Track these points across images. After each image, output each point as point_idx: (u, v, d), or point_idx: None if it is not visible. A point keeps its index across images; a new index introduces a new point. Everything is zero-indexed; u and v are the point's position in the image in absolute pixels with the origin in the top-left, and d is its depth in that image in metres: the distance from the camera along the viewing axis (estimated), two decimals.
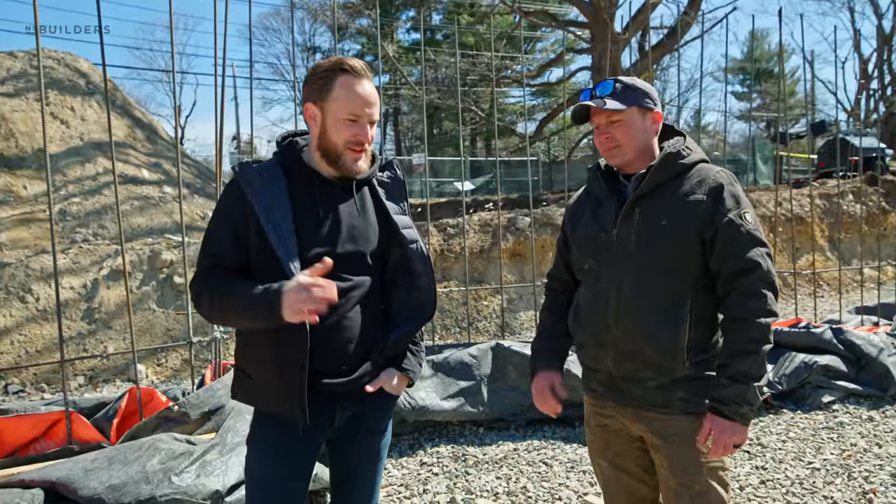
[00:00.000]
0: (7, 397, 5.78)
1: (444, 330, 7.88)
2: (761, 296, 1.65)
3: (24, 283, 6.57)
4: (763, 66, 35.51)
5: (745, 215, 1.70)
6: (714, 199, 1.70)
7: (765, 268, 1.67)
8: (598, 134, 1.81)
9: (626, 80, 1.81)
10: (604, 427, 1.90)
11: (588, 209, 1.90)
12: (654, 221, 1.72)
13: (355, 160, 1.69)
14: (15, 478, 2.71)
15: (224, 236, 1.67)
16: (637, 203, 1.76)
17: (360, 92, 1.65)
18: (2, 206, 8.65)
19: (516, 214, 9.05)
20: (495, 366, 4.30)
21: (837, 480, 3.38)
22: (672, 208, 1.72)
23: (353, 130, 1.65)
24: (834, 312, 6.60)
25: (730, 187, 1.72)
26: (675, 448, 1.73)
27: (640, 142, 1.79)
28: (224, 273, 1.66)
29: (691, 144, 1.81)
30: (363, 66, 1.69)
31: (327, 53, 33.54)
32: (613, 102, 1.76)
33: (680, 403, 1.72)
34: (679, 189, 1.74)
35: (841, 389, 4.60)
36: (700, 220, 1.69)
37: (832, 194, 11.67)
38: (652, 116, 1.81)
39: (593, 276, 1.82)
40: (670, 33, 14.79)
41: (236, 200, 1.66)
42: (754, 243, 1.68)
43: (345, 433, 1.77)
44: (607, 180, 1.87)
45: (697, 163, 1.79)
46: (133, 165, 10.51)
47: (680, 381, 1.72)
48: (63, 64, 11.17)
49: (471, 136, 29.28)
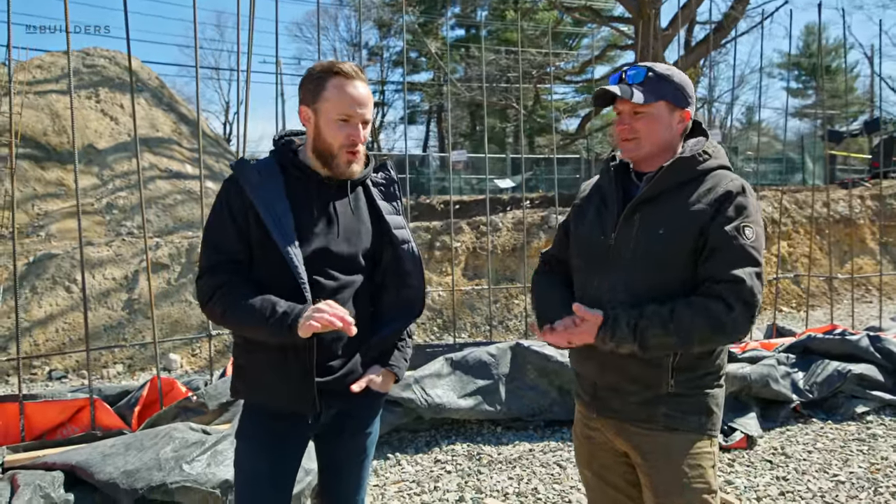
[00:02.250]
0: (51, 383, 6.06)
1: (473, 328, 7.88)
2: (729, 308, 1.52)
3: (69, 272, 6.86)
4: (819, 62, 34.24)
5: (744, 229, 1.57)
6: (717, 209, 1.58)
7: (749, 285, 1.53)
8: (619, 122, 1.69)
9: (660, 68, 1.67)
10: (589, 438, 1.84)
11: (593, 207, 1.79)
12: (652, 229, 1.62)
13: (349, 162, 1.71)
14: (39, 460, 2.85)
15: (226, 231, 1.69)
16: (638, 208, 1.66)
17: (350, 92, 1.67)
18: (53, 199, 9.05)
19: (549, 212, 8.98)
20: (514, 365, 4.28)
21: (862, 495, 3.25)
22: (672, 217, 1.61)
23: (346, 131, 1.67)
24: (878, 319, 6.33)
25: (738, 197, 1.59)
26: (655, 466, 1.66)
27: (661, 138, 1.67)
28: (234, 277, 1.66)
29: (711, 148, 1.68)
30: (355, 68, 1.71)
31: (373, 50, 33.88)
32: (640, 94, 1.64)
33: (663, 419, 1.65)
34: (686, 197, 1.61)
35: (876, 400, 4.42)
36: (698, 230, 1.58)
37: (886, 196, 11.19)
38: (681, 114, 1.68)
39: (586, 279, 1.75)
40: (717, 28, 14.40)
41: (235, 196, 1.69)
42: (746, 260, 1.55)
43: (331, 430, 1.80)
44: (618, 177, 1.75)
45: (715, 169, 1.66)
46: (177, 161, 10.84)
47: (664, 398, 1.64)
48: (114, 62, 11.58)
49: (514, 132, 29.14)
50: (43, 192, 9.06)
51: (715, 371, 1.69)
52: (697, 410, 1.66)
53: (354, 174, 1.73)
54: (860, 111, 31.30)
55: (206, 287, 1.66)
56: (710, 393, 1.68)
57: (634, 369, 1.64)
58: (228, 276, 1.65)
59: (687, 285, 1.63)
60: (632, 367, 1.64)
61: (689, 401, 1.64)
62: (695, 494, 1.63)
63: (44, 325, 6.49)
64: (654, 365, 1.62)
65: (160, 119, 11.37)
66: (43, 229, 8.55)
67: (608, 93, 1.68)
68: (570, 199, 2.06)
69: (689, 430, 1.65)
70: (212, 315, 1.70)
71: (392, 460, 3.77)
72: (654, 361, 1.62)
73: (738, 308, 1.52)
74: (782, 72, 34.11)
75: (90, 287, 6.77)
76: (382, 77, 35.18)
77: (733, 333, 1.55)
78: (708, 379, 1.68)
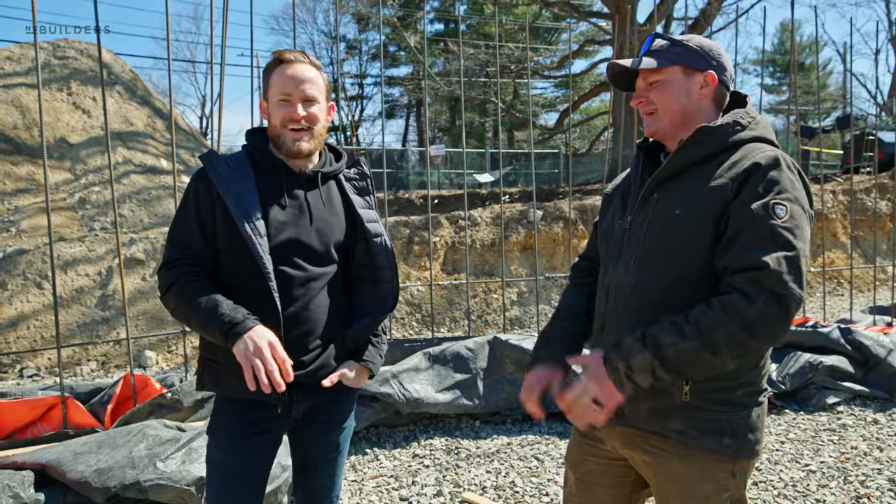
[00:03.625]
0: (22, 381, 5.94)
1: (452, 322, 7.89)
2: (751, 302, 1.26)
3: (41, 269, 6.73)
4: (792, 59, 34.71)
5: (774, 206, 1.30)
6: (741, 183, 1.34)
7: (773, 270, 1.25)
8: (634, 98, 1.54)
9: (673, 36, 1.52)
10: (585, 439, 1.65)
11: (619, 194, 1.63)
12: (668, 210, 1.42)
13: (294, 140, 1.71)
14: (8, 460, 2.79)
15: (191, 226, 1.69)
16: (658, 187, 1.46)
17: (289, 73, 1.71)
18: (24, 195, 8.86)
19: (528, 207, 9.00)
20: (492, 359, 4.30)
21: (832, 484, 3.32)
22: (691, 194, 1.39)
23: (287, 109, 1.70)
24: (849, 311, 6.45)
25: (770, 171, 1.34)
26: (662, 489, 1.48)
27: (680, 107, 1.48)
28: (193, 271, 1.66)
29: (747, 118, 1.45)
30: (297, 53, 1.76)
31: (351, 43, 33.65)
32: (649, 60, 1.48)
33: (675, 435, 1.41)
34: (710, 171, 1.39)
35: (847, 391, 4.51)
36: (720, 211, 1.35)
37: (856, 190, 11.40)
38: (703, 78, 1.47)
39: (605, 267, 1.59)
40: (693, 24, 14.54)
41: (203, 189, 1.69)
42: (774, 242, 1.28)
43: (304, 426, 1.79)
44: (647, 160, 1.58)
45: (749, 141, 1.43)
46: (152, 155, 10.68)
47: (677, 409, 1.40)
48: (86, 55, 11.36)
49: (493, 126, 29.16)
50: (13, 187, 8.87)
51: (749, 383, 1.42)
52: (718, 429, 1.40)
53: (304, 151, 1.72)
54: (833, 107, 31.83)
55: (163, 280, 1.68)
56: (744, 411, 1.42)
57: None
58: (186, 270, 1.65)
59: (697, 289, 1.38)
60: None
61: (708, 416, 1.40)
62: None
63: (15, 322, 6.36)
64: None
65: (134, 113, 11.18)
66: (14, 225, 8.37)
67: (622, 69, 1.54)
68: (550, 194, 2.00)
69: (706, 451, 1.40)
70: (167, 307, 1.70)
71: (370, 455, 3.77)
72: None
73: (763, 299, 1.26)
74: (757, 68, 34.56)
75: (63, 284, 6.65)
76: (361, 71, 35.00)
77: (764, 332, 1.27)
78: (739, 393, 1.41)
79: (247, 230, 1.61)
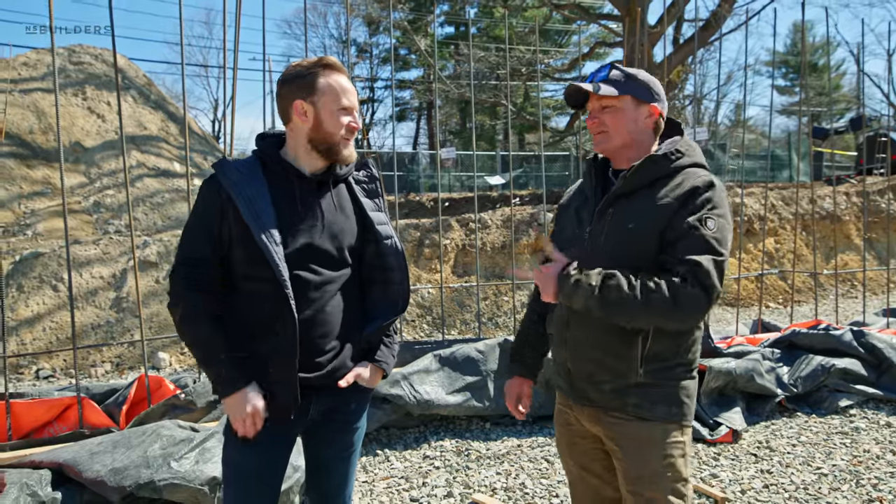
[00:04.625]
0: (38, 382, 6.02)
1: (463, 325, 7.91)
2: (683, 283, 1.56)
3: (57, 271, 6.82)
4: (807, 59, 34.50)
5: (706, 220, 1.61)
6: (682, 203, 1.64)
7: (705, 269, 1.56)
8: (589, 118, 1.79)
9: (627, 69, 1.76)
10: (569, 426, 1.90)
11: (574, 206, 1.88)
12: (622, 224, 1.69)
13: (347, 147, 1.78)
14: (26, 459, 2.84)
15: (201, 236, 1.71)
16: (613, 203, 1.73)
17: (345, 84, 1.76)
18: (40, 198, 8.98)
19: (538, 209, 9.01)
20: (502, 361, 4.31)
21: (844, 487, 3.30)
22: (641, 212, 1.67)
23: (349, 119, 1.75)
24: (862, 314, 6.40)
25: (704, 192, 1.64)
26: (626, 454, 1.71)
27: (628, 131, 1.74)
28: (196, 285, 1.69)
29: (685, 146, 1.74)
30: (339, 61, 1.79)
31: (362, 47, 33.78)
32: (606, 88, 1.73)
33: (633, 409, 1.70)
34: (656, 192, 1.68)
35: (860, 394, 4.48)
36: (664, 225, 1.64)
37: (869, 192, 11.31)
38: (648, 109, 1.75)
39: None
40: (704, 26, 14.48)
41: (214, 196, 1.70)
42: (706, 248, 1.59)
43: (319, 426, 1.82)
44: (598, 175, 1.84)
45: (688, 167, 1.72)
46: (165, 159, 10.79)
47: (633, 387, 1.69)
48: (101, 60, 11.50)
49: (503, 129, 29.16)
50: (29, 190, 8.99)
51: (686, 364, 1.74)
52: (667, 401, 1.70)
53: (352, 158, 1.80)
54: (847, 108, 31.55)
55: (173, 291, 1.72)
56: (681, 384, 1.73)
57: (605, 358, 1.70)
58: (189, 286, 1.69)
59: None
60: (603, 356, 1.70)
61: (658, 391, 1.69)
62: (665, 483, 1.68)
63: (31, 324, 6.45)
64: (623, 354, 1.67)
65: (147, 117, 11.30)
66: (29, 228, 8.49)
67: (579, 91, 1.78)
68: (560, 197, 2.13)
69: (659, 420, 1.69)
70: (174, 318, 1.75)
71: (381, 456, 3.79)
72: (619, 353, 1.67)
73: (696, 286, 1.56)
74: (769, 70, 34.35)
75: (77, 286, 6.73)
76: (372, 74, 35.12)
77: (689, 310, 1.57)
78: (679, 370, 1.72)
79: (262, 238, 1.63)
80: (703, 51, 19.63)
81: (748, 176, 17.13)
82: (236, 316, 1.72)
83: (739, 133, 22.76)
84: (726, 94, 32.84)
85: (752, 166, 18.24)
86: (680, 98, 19.16)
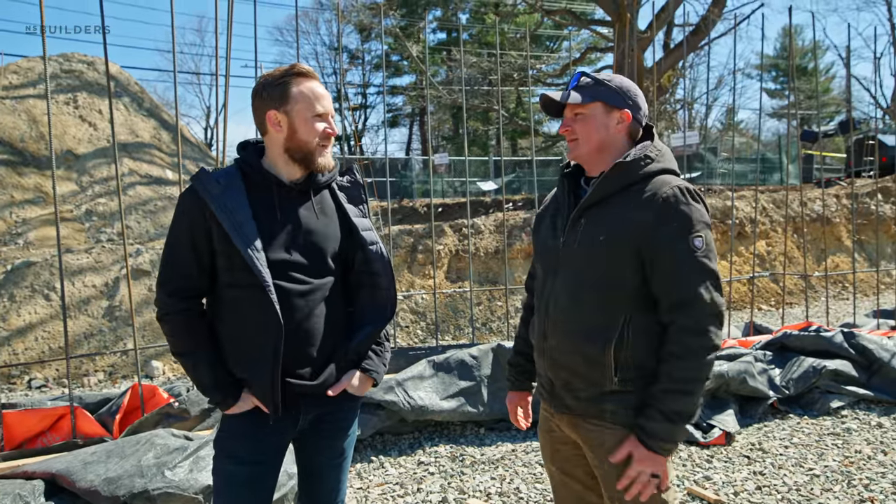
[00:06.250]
0: (31, 392, 5.99)
1: (457, 330, 7.92)
2: (703, 332, 1.58)
3: (49, 280, 6.80)
4: (796, 63, 34.74)
5: (693, 239, 1.59)
6: (659, 218, 1.60)
7: (708, 300, 1.58)
8: (562, 126, 1.78)
9: (598, 75, 1.75)
10: (551, 433, 1.90)
11: (549, 214, 1.86)
12: (594, 234, 1.66)
13: (324, 155, 1.78)
14: (19, 469, 2.83)
15: (184, 250, 1.72)
16: (585, 212, 1.70)
17: (317, 89, 1.75)
18: (31, 206, 8.95)
19: (531, 215, 9.04)
20: (496, 367, 4.32)
21: (836, 488, 3.33)
22: (613, 222, 1.64)
23: (324, 125, 1.75)
24: (852, 315, 6.46)
25: (681, 206, 1.60)
26: (604, 460, 1.70)
27: (598, 138, 1.71)
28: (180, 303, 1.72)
29: (654, 152, 1.70)
30: (310, 68, 1.79)
31: (354, 53, 33.84)
32: (576, 95, 1.72)
33: (610, 416, 1.69)
34: (628, 202, 1.65)
35: (851, 395, 4.52)
36: (640, 238, 1.61)
37: (859, 194, 11.40)
38: (620, 115, 1.72)
39: (542, 283, 1.83)
40: (694, 31, 14.59)
41: (196, 209, 1.71)
42: (701, 273, 1.59)
43: (310, 434, 1.82)
44: (571, 183, 1.82)
45: (658, 173, 1.68)
46: (158, 166, 10.76)
47: (608, 395, 1.68)
48: (93, 68, 11.48)
49: (496, 134, 29.23)
50: (21, 198, 8.96)
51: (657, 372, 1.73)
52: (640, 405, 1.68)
53: (330, 166, 1.80)
54: (836, 111, 31.80)
55: (160, 306, 1.75)
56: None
57: (581, 367, 1.69)
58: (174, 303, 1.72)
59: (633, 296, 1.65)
60: (578, 365, 1.70)
61: (632, 397, 1.66)
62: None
63: (23, 333, 6.41)
64: (597, 363, 1.66)
65: (140, 124, 11.28)
66: (21, 237, 8.45)
67: (551, 100, 1.78)
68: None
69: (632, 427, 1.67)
70: (165, 335, 1.78)
71: (375, 463, 3.79)
72: (595, 362, 1.66)
73: (707, 324, 1.59)
74: (759, 73, 34.57)
75: (70, 295, 6.70)
76: (364, 80, 35.17)
77: (717, 341, 1.61)
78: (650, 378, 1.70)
79: (242, 246, 1.64)
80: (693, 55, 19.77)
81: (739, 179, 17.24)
82: (222, 323, 1.74)
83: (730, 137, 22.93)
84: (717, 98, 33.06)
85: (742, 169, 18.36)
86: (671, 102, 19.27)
